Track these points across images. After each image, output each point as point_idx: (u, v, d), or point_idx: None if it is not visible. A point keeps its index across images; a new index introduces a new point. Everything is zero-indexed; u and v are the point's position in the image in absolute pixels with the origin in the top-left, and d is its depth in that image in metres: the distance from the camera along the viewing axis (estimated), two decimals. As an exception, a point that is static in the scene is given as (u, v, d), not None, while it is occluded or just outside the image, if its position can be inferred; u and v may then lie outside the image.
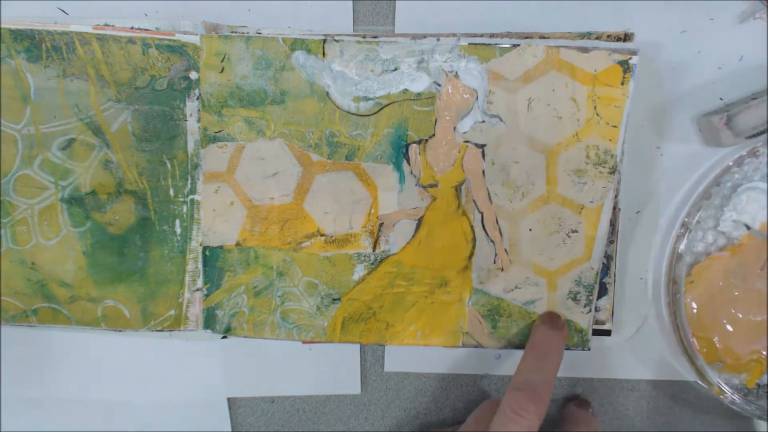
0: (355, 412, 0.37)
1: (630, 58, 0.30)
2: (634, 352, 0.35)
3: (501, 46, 0.30)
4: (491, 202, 0.32)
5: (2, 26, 0.30)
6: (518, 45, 0.30)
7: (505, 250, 0.33)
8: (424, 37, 0.31)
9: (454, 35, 0.31)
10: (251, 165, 0.32)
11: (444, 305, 0.33)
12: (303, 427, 0.38)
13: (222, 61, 0.31)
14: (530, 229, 0.32)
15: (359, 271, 0.33)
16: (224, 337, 0.35)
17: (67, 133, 0.32)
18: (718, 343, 0.34)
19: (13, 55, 0.31)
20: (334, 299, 0.34)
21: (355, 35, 0.31)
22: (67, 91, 0.31)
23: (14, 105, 0.31)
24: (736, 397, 0.34)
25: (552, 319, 0.33)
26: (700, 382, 0.34)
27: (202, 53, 0.31)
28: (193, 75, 0.31)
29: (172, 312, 0.34)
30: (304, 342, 0.35)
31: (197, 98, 0.32)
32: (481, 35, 0.31)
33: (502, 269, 0.33)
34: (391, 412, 0.38)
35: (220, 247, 0.33)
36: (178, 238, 0.33)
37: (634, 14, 0.31)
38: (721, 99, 0.32)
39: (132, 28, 0.31)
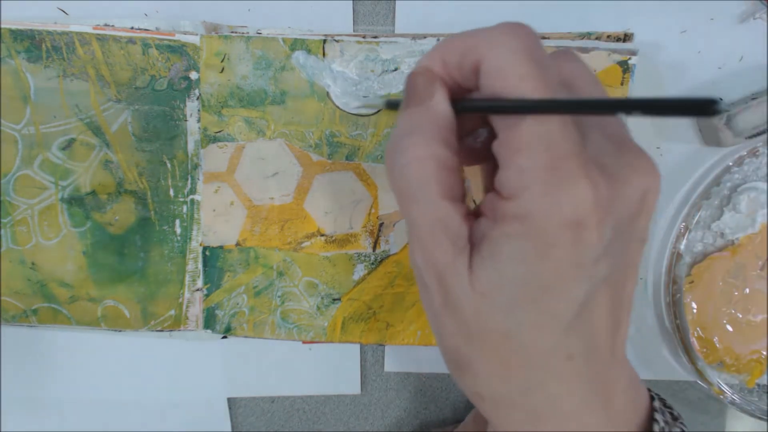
0: (355, 412, 0.37)
1: (629, 59, 0.30)
2: (634, 352, 0.35)
3: (501, 46, 0.30)
4: (491, 202, 0.32)
5: (2, 26, 0.30)
6: (518, 45, 0.30)
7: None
8: (424, 37, 0.31)
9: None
10: (251, 165, 0.32)
11: (444, 305, 0.33)
12: (303, 427, 0.38)
13: (222, 61, 0.31)
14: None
15: (359, 271, 0.33)
16: (224, 337, 0.35)
17: (67, 133, 0.32)
18: (718, 343, 0.34)
19: (13, 55, 0.31)
20: (334, 299, 0.34)
21: (355, 35, 0.31)
22: (67, 91, 0.31)
23: (14, 105, 0.31)
24: (736, 397, 0.34)
25: None
26: (700, 382, 0.34)
27: (202, 53, 0.31)
28: (193, 75, 0.31)
29: (172, 312, 0.34)
30: (304, 342, 0.35)
31: (197, 98, 0.32)
32: (481, 35, 0.31)
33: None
34: (391, 412, 0.38)
35: (220, 247, 0.33)
36: (178, 238, 0.33)
37: (634, 14, 0.31)
38: (721, 99, 0.32)
39: (132, 28, 0.31)
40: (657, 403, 0.20)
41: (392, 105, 0.27)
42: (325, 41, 0.31)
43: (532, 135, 0.16)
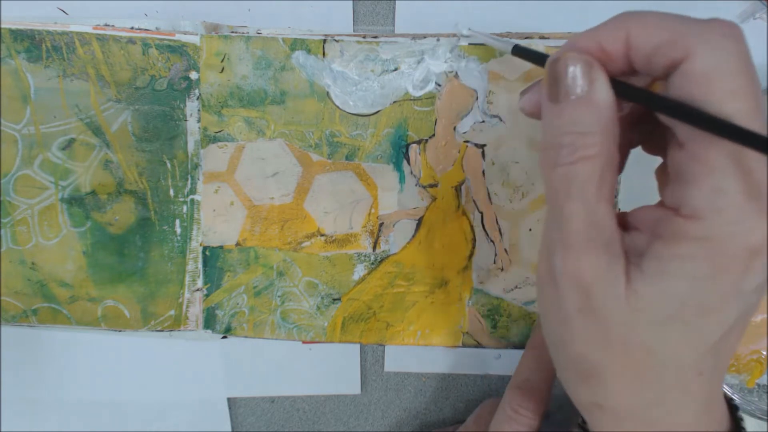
0: (355, 412, 0.37)
1: (630, 58, 0.30)
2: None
3: (501, 46, 0.30)
4: (491, 202, 0.32)
5: (2, 26, 0.30)
6: (518, 45, 0.30)
7: (505, 250, 0.33)
8: (424, 37, 0.31)
9: (454, 35, 0.31)
10: (251, 165, 0.32)
11: (444, 305, 0.33)
12: (303, 427, 0.38)
13: (222, 61, 0.31)
14: (530, 229, 0.32)
15: (359, 271, 0.33)
16: (224, 337, 0.35)
17: (67, 133, 0.32)
18: (718, 343, 0.34)
19: (13, 55, 0.31)
20: (334, 299, 0.34)
21: (355, 35, 0.31)
22: (67, 91, 0.31)
23: (14, 105, 0.31)
24: (736, 397, 0.34)
25: None
26: (700, 382, 0.34)
27: (202, 53, 0.31)
28: (193, 75, 0.31)
29: (172, 312, 0.34)
30: (304, 342, 0.35)
31: (197, 98, 0.32)
32: (481, 35, 0.31)
33: (502, 269, 0.33)
34: (391, 412, 0.38)
35: (220, 247, 0.33)
36: (178, 238, 0.33)
37: (634, 14, 0.31)
38: None
39: (132, 28, 0.31)
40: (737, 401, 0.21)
41: (521, 52, 0.24)
42: (325, 41, 0.31)
43: (731, 157, 0.15)
